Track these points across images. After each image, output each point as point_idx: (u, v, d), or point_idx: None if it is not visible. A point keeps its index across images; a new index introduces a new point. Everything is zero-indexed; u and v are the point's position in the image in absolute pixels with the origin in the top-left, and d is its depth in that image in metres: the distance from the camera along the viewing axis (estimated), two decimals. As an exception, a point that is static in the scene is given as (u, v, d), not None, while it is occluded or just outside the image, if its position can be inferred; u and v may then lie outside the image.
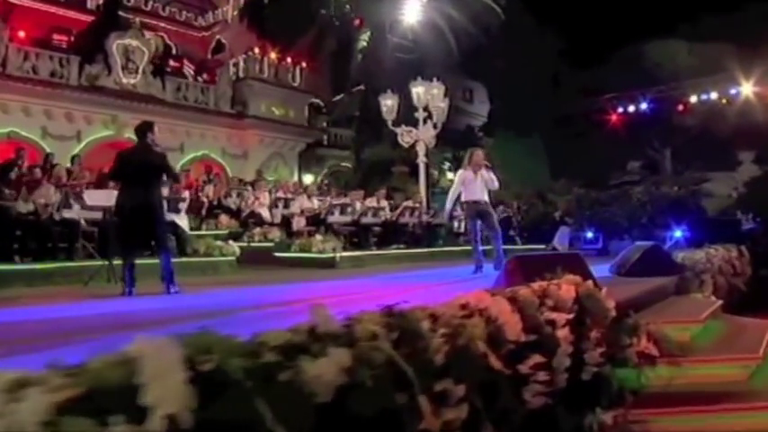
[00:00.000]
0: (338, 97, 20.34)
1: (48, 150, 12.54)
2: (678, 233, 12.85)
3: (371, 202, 12.01)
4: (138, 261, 5.41)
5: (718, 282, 6.56)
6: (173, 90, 14.95)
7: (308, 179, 18.05)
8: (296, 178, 17.68)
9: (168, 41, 17.79)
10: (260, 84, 16.77)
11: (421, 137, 13.75)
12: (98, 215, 7.39)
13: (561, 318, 2.61)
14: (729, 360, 3.57)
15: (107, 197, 7.00)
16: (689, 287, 5.66)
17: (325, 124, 19.79)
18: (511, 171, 22.61)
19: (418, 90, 13.58)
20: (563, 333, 2.51)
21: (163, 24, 17.80)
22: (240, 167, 16.49)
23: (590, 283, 3.17)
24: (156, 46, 17.85)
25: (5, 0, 12.22)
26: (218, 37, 18.51)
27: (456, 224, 14.36)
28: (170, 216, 8.42)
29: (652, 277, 5.04)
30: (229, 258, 8.34)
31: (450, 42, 19.72)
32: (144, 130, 5.40)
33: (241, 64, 16.83)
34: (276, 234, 10.46)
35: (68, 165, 11.94)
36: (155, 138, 5.44)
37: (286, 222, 10.78)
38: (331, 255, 9.09)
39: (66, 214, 7.14)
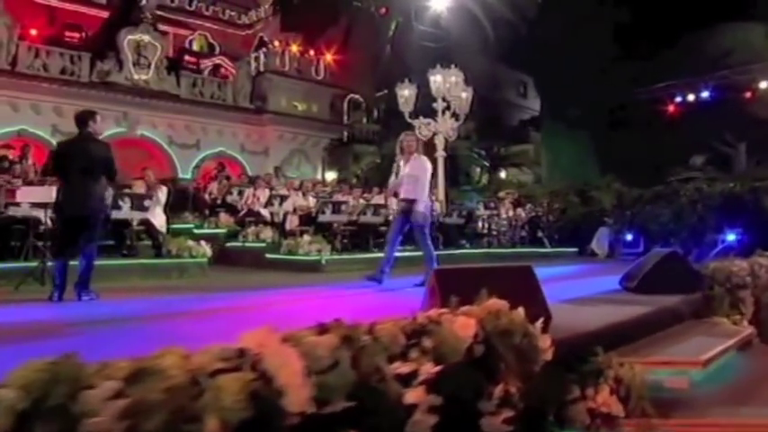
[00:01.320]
0: (381, 93, 19.89)
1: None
2: (731, 237, 11.54)
3: (379, 199, 11.49)
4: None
5: (765, 302, 5.22)
6: (188, 85, 14.99)
7: (331, 176, 17.75)
8: (319, 175, 17.43)
9: (212, 40, 18.09)
10: (280, 78, 16.59)
11: (440, 129, 13.09)
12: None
13: (423, 369, 1.89)
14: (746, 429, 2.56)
15: (44, 194, 6.81)
16: (714, 308, 4.63)
17: (365, 120, 19.42)
18: (558, 166, 21.53)
19: (436, 79, 12.93)
20: (416, 395, 1.79)
21: (207, 24, 18.08)
22: (260, 164, 16.36)
23: (520, 311, 2.45)
24: (201, 45, 18.14)
25: (18, -1, 12.62)
26: (260, 35, 18.45)
27: (480, 224, 13.62)
28: (141, 215, 8.28)
29: (666, 295, 4.26)
30: (199, 260, 8.05)
31: (485, 30, 18.90)
32: (84, 118, 5.08)
33: (262, 58, 16.70)
34: (269, 234, 10.14)
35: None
36: (96, 127, 5.14)
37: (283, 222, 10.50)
38: (316, 257, 8.67)
39: (19, 213, 6.98)
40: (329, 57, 17.98)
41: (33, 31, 12.69)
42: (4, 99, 12.24)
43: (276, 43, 16.61)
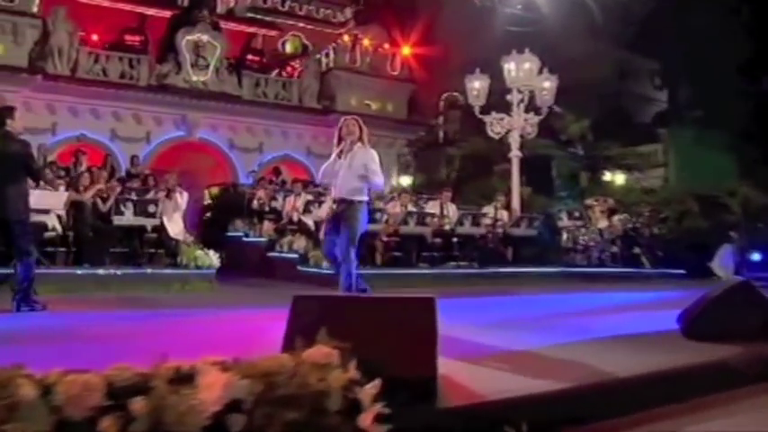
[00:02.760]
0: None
1: (117, 153, 13.60)
2: None
3: (433, 207, 10.70)
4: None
5: None
6: (250, 86, 15.19)
7: (406, 181, 17.17)
8: (394, 180, 16.94)
9: (305, 41, 18.17)
10: (350, 74, 16.30)
11: (514, 125, 12.01)
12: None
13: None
14: None
15: (54, 200, 6.93)
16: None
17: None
18: (688, 169, 19.15)
19: (509, 66, 11.89)
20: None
21: (301, 24, 18.14)
22: (329, 169, 16.20)
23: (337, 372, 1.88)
24: (295, 47, 18.54)
25: (79, 2, 13.49)
26: (354, 32, 18.40)
27: (565, 236, 12.29)
28: (150, 221, 8.25)
29: (724, 343, 3.46)
30: (203, 272, 7.81)
31: (592, 10, 17.37)
32: (1, 115, 5.03)
33: (331, 54, 16.60)
34: (302, 244, 9.80)
35: (128, 165, 12.78)
36: (15, 125, 5.05)
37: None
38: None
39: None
40: (407, 50, 17.50)
41: (95, 37, 13.55)
42: (65, 105, 13.02)
43: (346, 38, 16.43)
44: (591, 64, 19.92)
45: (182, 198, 8.71)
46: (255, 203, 12.23)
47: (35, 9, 12.44)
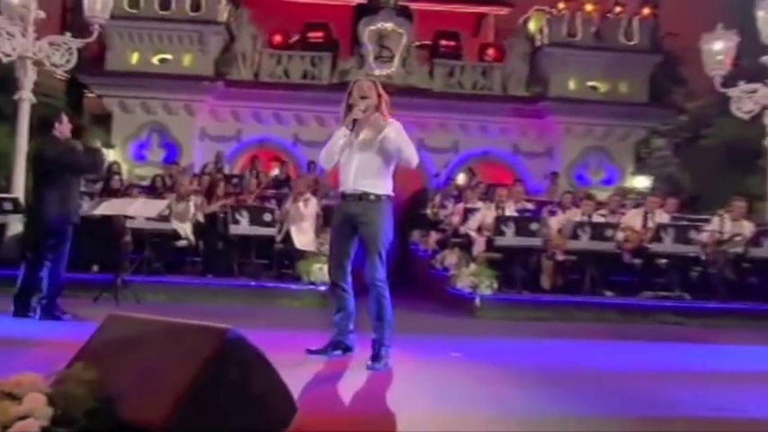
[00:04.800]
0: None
1: (300, 157, 14.24)
2: None
3: (632, 218, 8.69)
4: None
5: None
6: (443, 76, 14.56)
7: (644, 182, 14.80)
8: (627, 181, 14.77)
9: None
10: (566, 51, 14.53)
11: (770, 100, 9.26)
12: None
13: None
14: None
15: (152, 207, 7.35)
16: None
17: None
18: None
19: (764, 16, 9.26)
20: None
21: None
22: (540, 168, 14.82)
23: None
24: (538, 23, 17.37)
25: (262, 2, 14.48)
26: None
27: None
28: (268, 230, 8.22)
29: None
30: (315, 288, 7.50)
31: None
32: (50, 121, 5.46)
33: (545, 29, 15.13)
34: (453, 260, 8.92)
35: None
36: (62, 128, 5.43)
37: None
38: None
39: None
40: (647, 11, 15.09)
41: (277, 37, 14.42)
42: (249, 110, 13.89)
43: (561, 5, 14.81)
44: None
45: (306, 206, 8.55)
46: (428, 211, 11.77)
47: (221, 17, 13.78)
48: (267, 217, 7.99)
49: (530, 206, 9.81)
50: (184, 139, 13.68)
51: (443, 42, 14.74)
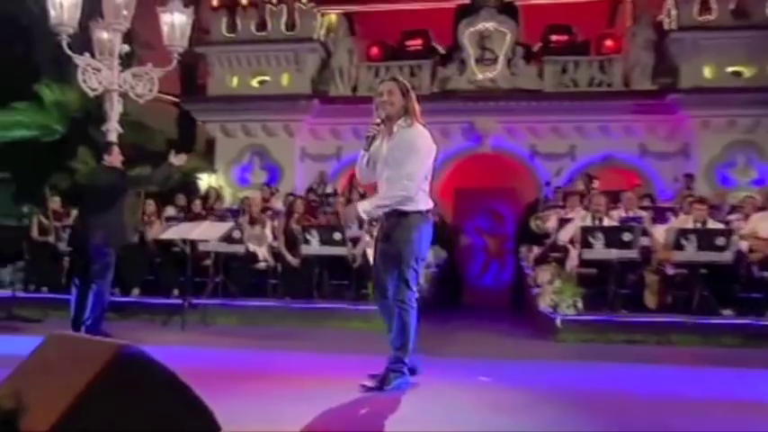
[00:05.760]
0: None
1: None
2: None
3: (758, 224, 7.71)
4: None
5: None
6: (554, 74, 13.93)
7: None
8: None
9: None
10: (700, 33, 13.47)
11: None
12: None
13: None
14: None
15: (214, 230, 7.70)
16: None
17: None
18: None
19: None
20: None
21: None
22: (674, 170, 13.72)
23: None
24: None
25: (358, 14, 14.70)
26: None
27: None
28: (329, 249, 8.25)
29: None
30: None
31: None
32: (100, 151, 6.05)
33: (672, 11, 14.09)
34: (545, 277, 8.47)
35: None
36: (111, 159, 5.95)
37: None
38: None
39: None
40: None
41: (374, 49, 14.53)
42: (348, 127, 14.19)
43: (689, -17, 13.66)
44: None
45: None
46: (532, 224, 11.36)
47: (316, 35, 14.24)
48: (337, 236, 8.05)
49: (642, 214, 9.12)
50: (285, 161, 14.19)
51: (554, 38, 14.19)
